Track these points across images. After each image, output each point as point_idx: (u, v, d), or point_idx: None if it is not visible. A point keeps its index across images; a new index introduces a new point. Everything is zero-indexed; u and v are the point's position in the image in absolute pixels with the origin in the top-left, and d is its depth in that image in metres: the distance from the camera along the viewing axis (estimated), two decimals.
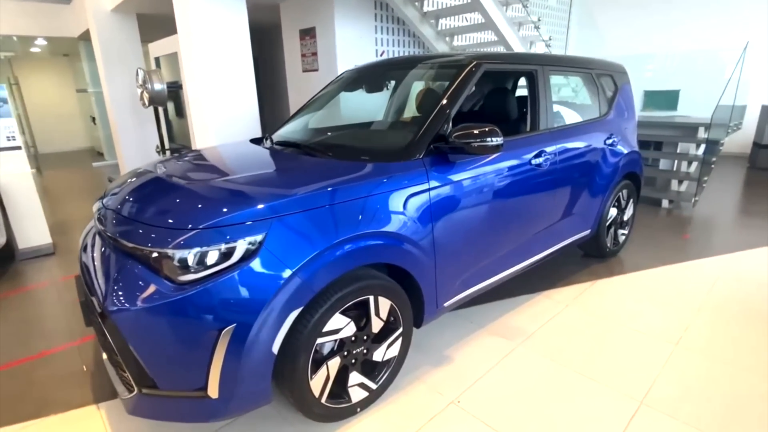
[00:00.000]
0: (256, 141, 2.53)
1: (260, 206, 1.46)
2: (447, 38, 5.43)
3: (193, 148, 4.36)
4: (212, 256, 1.38)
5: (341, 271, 1.55)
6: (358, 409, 1.79)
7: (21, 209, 3.65)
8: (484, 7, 4.20)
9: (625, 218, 3.38)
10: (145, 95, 4.84)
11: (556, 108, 2.81)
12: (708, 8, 7.85)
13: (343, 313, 1.63)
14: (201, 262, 1.38)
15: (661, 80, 8.28)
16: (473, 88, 3.07)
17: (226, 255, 1.39)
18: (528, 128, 2.49)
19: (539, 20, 4.67)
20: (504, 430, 1.71)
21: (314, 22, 4.83)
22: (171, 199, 1.62)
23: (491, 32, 4.65)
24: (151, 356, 1.41)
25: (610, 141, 2.96)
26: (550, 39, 5.05)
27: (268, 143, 2.41)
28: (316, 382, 1.61)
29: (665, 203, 4.78)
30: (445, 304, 2.09)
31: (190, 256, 1.38)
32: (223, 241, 1.39)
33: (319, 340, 1.57)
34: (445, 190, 1.92)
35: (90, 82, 7.82)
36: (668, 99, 8.09)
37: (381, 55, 5.12)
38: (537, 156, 2.36)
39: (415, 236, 1.79)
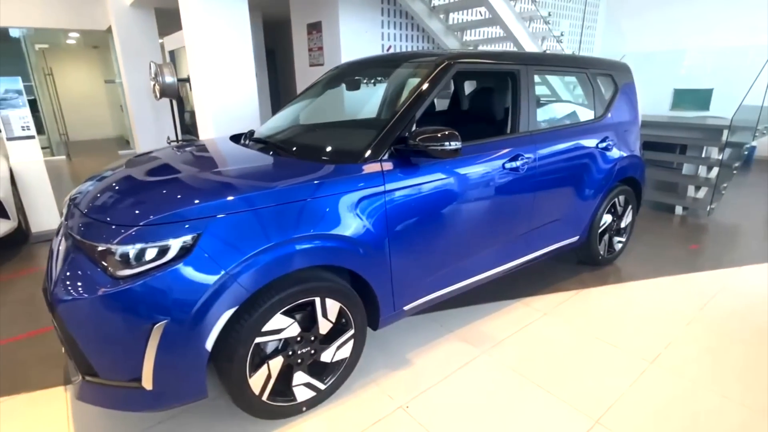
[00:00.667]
0: (236, 137, 2.57)
1: (196, 206, 1.49)
2: (457, 33, 5.32)
3: (199, 139, 4.47)
4: (150, 253, 1.42)
5: (280, 273, 1.56)
6: (304, 408, 1.81)
7: (34, 195, 3.86)
8: (489, 1, 4.08)
9: (623, 225, 3.23)
10: (157, 88, 5.00)
11: (543, 109, 2.71)
12: (749, 1, 7.33)
13: (286, 313, 1.64)
14: (139, 259, 1.42)
15: (693, 78, 7.81)
16: (450, 89, 3.02)
17: (161, 252, 1.42)
18: (508, 130, 2.41)
19: (549, 15, 4.49)
20: None
21: (321, 16, 4.83)
22: (122, 197, 1.67)
23: (500, 27, 4.52)
24: (92, 346, 1.47)
25: (603, 144, 2.82)
26: (562, 35, 4.85)
27: (244, 140, 2.44)
28: (256, 380, 1.63)
29: (679, 210, 4.53)
30: (406, 308, 2.07)
31: (131, 252, 1.42)
32: (159, 239, 1.42)
33: (259, 339, 1.59)
34: (404, 193, 1.89)
35: (117, 73, 8.15)
36: (700, 98, 7.65)
37: (388, 49, 5.07)
38: (512, 159, 2.28)
39: (366, 239, 1.78)
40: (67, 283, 1.49)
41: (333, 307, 1.76)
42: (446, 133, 1.82)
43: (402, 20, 5.09)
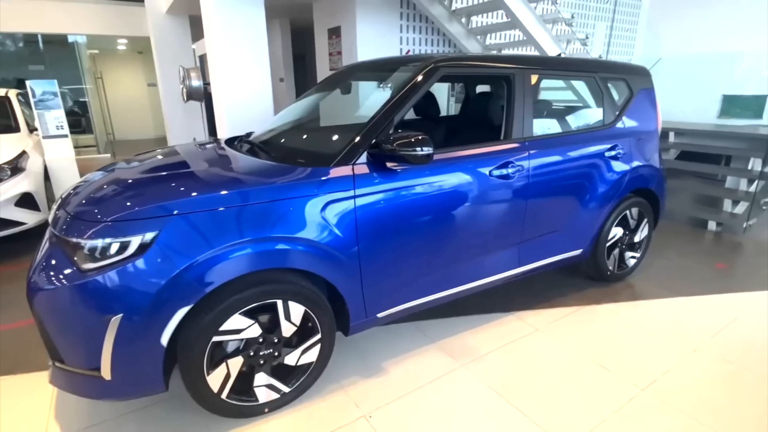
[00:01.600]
0: (232, 140, 2.63)
1: (157, 205, 1.53)
2: (479, 36, 5.21)
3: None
4: (113, 248, 1.48)
5: (236, 274, 1.57)
6: (266, 410, 1.81)
7: (65, 189, 4.14)
8: (506, 4, 3.97)
9: (636, 240, 3.02)
10: (184, 91, 5.25)
11: (543, 115, 2.59)
12: None
13: (247, 314, 1.65)
14: (103, 253, 1.48)
15: (746, 83, 7.20)
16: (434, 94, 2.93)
17: (122, 248, 1.48)
18: (502, 137, 2.32)
19: (572, 17, 4.30)
20: None
21: (340, 21, 4.89)
22: (95, 197, 1.72)
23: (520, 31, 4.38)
24: (59, 334, 1.54)
25: (613, 153, 2.66)
26: (587, 37, 4.62)
27: (238, 143, 2.50)
28: (215, 378, 1.66)
29: (712, 226, 4.19)
30: (379, 315, 2.03)
31: (98, 246, 1.48)
32: (121, 235, 1.48)
33: (217, 338, 1.61)
34: (377, 198, 1.86)
35: None
36: (752, 105, 7.05)
37: (406, 53, 5.05)
38: (501, 167, 2.19)
39: (333, 244, 1.77)
40: (41, 273, 1.57)
41: (297, 310, 1.76)
42: (418, 138, 1.77)
43: (421, 24, 5.05)
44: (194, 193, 1.60)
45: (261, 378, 1.77)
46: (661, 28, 7.42)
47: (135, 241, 1.48)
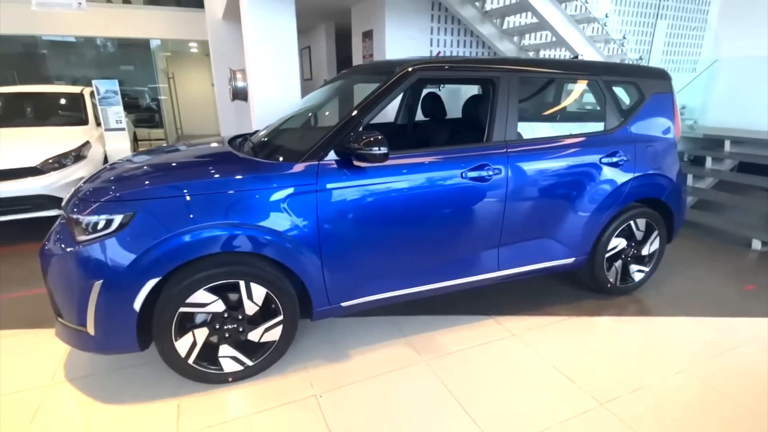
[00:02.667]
0: (234, 138, 2.81)
1: (135, 190, 1.78)
2: (515, 37, 5.11)
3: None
4: (101, 224, 1.75)
5: (199, 254, 1.78)
6: (230, 379, 2.01)
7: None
8: (532, 6, 3.88)
9: (644, 253, 2.85)
10: (231, 91, 5.70)
11: (533, 119, 2.55)
12: None
13: (212, 290, 1.86)
14: (94, 228, 1.76)
15: None
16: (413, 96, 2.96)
17: (107, 224, 1.74)
18: (484, 139, 2.33)
19: (607, 17, 4.07)
20: None
21: (372, 24, 5.04)
22: (98, 182, 2.00)
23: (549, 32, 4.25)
24: (58, 293, 1.85)
25: (612, 160, 2.54)
26: (624, 38, 4.34)
27: (241, 140, 2.72)
28: (182, 344, 1.88)
29: (757, 245, 3.77)
30: (344, 304, 2.15)
31: (90, 222, 1.77)
32: (107, 213, 1.75)
33: (184, 310, 1.83)
34: (340, 194, 1.98)
35: None
36: None
37: (436, 55, 5.08)
38: (476, 169, 2.21)
39: (294, 234, 1.92)
40: (51, 243, 1.90)
41: (259, 291, 1.93)
42: (374, 138, 1.87)
43: (453, 26, 5.06)
44: (169, 182, 1.83)
45: (226, 350, 1.97)
46: (732, 27, 6.72)
47: (117, 219, 1.74)
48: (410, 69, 2.15)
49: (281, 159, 2.03)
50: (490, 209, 2.29)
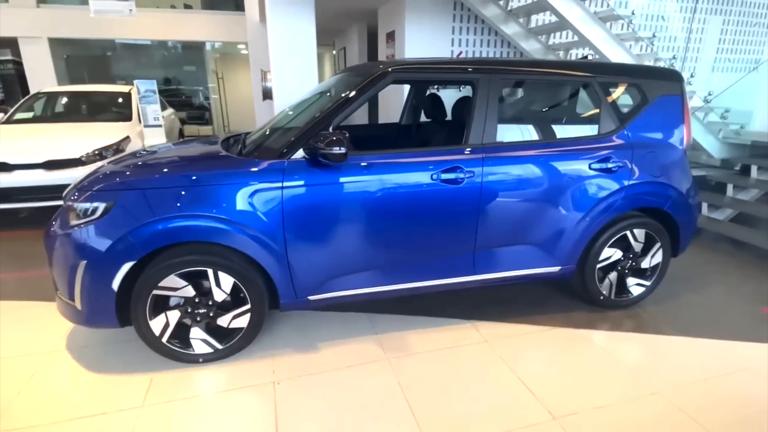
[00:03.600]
0: (228, 138, 2.97)
1: (116, 183, 1.98)
2: (542, 36, 4.93)
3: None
4: (89, 211, 1.97)
5: (169, 241, 1.94)
6: (200, 360, 2.16)
7: None
8: (551, 4, 3.74)
9: (645, 266, 2.67)
10: (262, 90, 6.00)
11: (515, 121, 2.48)
12: None
13: (183, 276, 2.02)
14: (84, 214, 1.98)
15: None
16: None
17: (93, 212, 1.95)
18: (463, 141, 2.31)
19: (633, 14, 3.81)
20: (283, 421, 1.82)
21: (395, 25, 5.08)
22: (94, 175, 2.22)
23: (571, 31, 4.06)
24: (55, 270, 2.09)
25: (604, 166, 2.41)
26: (654, 36, 4.03)
27: (233, 140, 2.87)
28: (156, 324, 2.05)
29: None
30: (311, 298, 2.23)
31: (81, 208, 1.99)
32: (94, 201, 1.96)
33: (157, 292, 2.00)
34: (304, 191, 2.07)
35: None
36: None
37: (458, 56, 5.03)
38: (448, 171, 2.20)
39: (259, 228, 2.03)
40: (52, 226, 2.15)
41: (227, 280, 2.07)
42: (335, 138, 1.93)
43: (476, 25, 4.98)
44: (144, 176, 2.01)
45: (197, 332, 2.12)
46: None
47: (101, 207, 1.94)
48: (386, 70, 2.19)
49: (256, 156, 2.15)
50: (462, 212, 2.27)
